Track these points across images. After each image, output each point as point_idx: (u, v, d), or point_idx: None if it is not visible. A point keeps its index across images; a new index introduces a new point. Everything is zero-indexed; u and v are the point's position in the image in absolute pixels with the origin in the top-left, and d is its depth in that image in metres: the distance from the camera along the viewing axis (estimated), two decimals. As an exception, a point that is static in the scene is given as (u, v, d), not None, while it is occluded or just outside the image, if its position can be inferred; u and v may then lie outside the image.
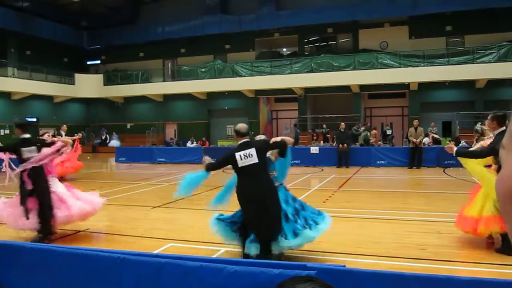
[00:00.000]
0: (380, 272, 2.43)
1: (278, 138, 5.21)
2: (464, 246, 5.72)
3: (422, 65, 23.61)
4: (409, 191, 11.45)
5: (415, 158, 16.24)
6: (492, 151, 5.08)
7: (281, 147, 5.10)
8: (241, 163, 4.84)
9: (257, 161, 4.82)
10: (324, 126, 24.09)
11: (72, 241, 6.33)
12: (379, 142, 20.52)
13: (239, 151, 4.88)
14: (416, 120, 17.55)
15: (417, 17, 24.65)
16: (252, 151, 4.84)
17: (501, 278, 2.32)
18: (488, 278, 2.33)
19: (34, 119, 28.85)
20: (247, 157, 4.82)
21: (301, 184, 12.71)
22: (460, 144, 18.87)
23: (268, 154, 5.27)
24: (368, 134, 19.84)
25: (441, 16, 24.27)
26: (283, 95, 28.43)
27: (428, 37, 25.11)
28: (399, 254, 5.38)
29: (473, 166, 5.62)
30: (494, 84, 23.38)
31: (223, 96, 29.14)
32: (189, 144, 24.32)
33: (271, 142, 5.15)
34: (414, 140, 16.21)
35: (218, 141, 28.75)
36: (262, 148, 4.98)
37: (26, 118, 28.16)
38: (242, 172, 4.88)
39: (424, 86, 24.64)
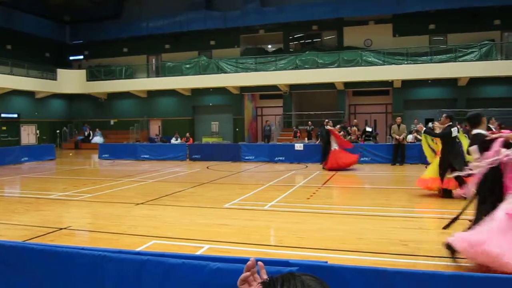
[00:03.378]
0: (362, 268, 2.44)
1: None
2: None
3: (406, 63, 23.85)
4: (392, 187, 11.56)
5: (398, 155, 16.40)
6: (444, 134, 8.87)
7: None
8: None
9: None
10: (309, 123, 24.17)
11: (54, 238, 6.24)
12: (360, 139, 20.61)
13: None
14: (399, 117, 17.74)
15: (401, 15, 24.87)
16: None
17: (480, 273, 2.35)
18: (468, 273, 2.35)
19: (15, 115, 28.37)
20: None
21: (285, 180, 12.73)
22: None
23: None
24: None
25: (425, 15, 24.52)
26: (268, 92, 28.43)
27: (411, 35, 25.36)
28: (382, 250, 5.43)
29: (426, 147, 9.79)
30: (475, 82, 23.73)
31: (207, 92, 29.02)
32: (173, 141, 24.19)
33: None
34: (397, 137, 16.37)
35: (203, 137, 28.65)
36: None
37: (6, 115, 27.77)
38: None
39: (408, 84, 24.88)
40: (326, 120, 16.00)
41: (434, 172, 9.12)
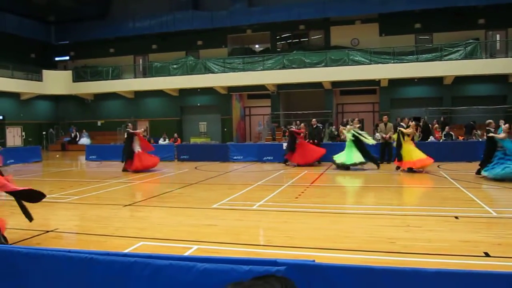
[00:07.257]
0: (349, 266, 2.46)
1: None
2: (432, 238, 5.87)
3: (392, 62, 24.04)
4: (379, 185, 11.64)
5: (385, 153, 16.52)
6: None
7: None
8: None
9: None
10: (298, 122, 24.19)
11: (40, 241, 6.18)
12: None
13: None
14: (386, 116, 17.88)
15: (387, 15, 25.08)
16: None
17: (466, 269, 2.39)
18: (454, 269, 2.39)
19: (0, 117, 28.00)
20: None
21: (274, 180, 12.75)
22: (429, 139, 19.34)
23: None
24: (333, 129, 20.15)
25: (410, 14, 24.75)
26: (255, 92, 28.45)
27: (397, 34, 25.58)
28: (370, 248, 5.47)
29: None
30: (461, 80, 24.01)
31: (195, 92, 28.94)
32: (161, 141, 24.08)
33: None
34: (384, 135, 16.48)
35: (191, 138, 28.57)
36: None
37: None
38: None
39: (394, 83, 25.09)
40: (129, 124, 17.07)
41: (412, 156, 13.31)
